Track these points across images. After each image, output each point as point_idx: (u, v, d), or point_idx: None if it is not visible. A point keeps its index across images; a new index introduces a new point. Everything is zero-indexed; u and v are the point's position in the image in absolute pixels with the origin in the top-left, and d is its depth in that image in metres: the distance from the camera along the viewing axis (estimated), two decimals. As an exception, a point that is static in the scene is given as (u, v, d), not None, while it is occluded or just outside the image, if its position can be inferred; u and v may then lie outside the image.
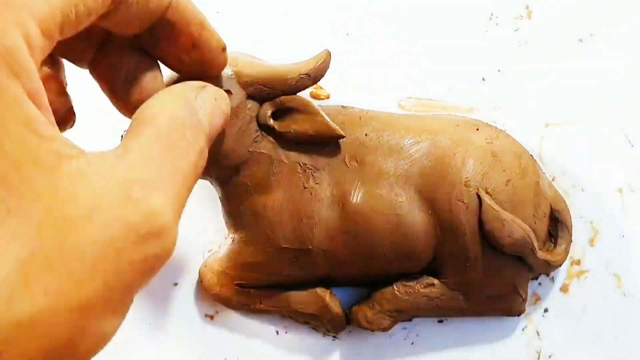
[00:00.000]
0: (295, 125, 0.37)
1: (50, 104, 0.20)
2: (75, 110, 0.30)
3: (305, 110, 0.37)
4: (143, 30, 0.25)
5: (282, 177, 0.38)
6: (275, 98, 0.37)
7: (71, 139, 0.20)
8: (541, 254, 0.38)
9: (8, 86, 0.17)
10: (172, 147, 0.21)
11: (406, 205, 0.37)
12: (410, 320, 0.40)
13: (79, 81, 0.31)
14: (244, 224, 0.38)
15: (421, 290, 0.38)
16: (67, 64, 0.30)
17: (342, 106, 0.40)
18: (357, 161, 0.38)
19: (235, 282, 0.39)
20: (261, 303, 0.39)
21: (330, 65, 0.37)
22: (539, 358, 0.41)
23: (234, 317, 0.41)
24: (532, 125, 0.42)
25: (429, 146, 0.38)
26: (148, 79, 0.28)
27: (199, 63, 0.29)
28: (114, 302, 0.18)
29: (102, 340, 0.18)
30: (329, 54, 0.37)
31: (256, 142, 0.37)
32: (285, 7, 0.43)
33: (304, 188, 0.38)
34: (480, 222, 0.37)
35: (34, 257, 0.16)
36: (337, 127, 0.37)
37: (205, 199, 0.41)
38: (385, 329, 0.39)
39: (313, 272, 0.38)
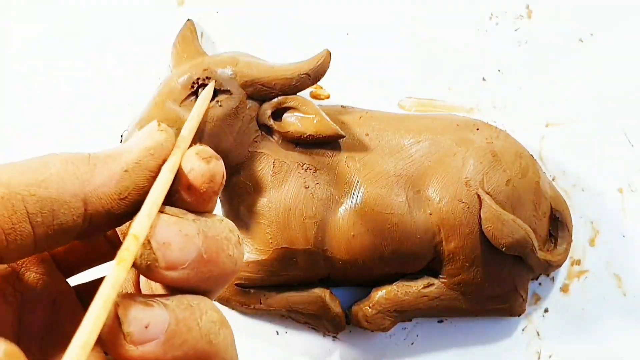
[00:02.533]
0: (295, 125, 0.37)
1: None
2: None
3: (305, 110, 0.37)
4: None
5: (282, 177, 0.38)
6: (275, 98, 0.37)
7: (71, 138, 0.20)
8: (541, 254, 0.38)
9: None
10: None
11: (406, 205, 0.37)
12: (410, 320, 0.40)
13: (79, 81, 0.32)
14: (244, 224, 0.38)
15: (421, 290, 0.38)
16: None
17: (342, 106, 0.40)
18: (357, 161, 0.38)
19: (235, 282, 0.39)
20: (261, 303, 0.39)
21: (330, 65, 0.37)
22: (539, 358, 0.41)
23: (234, 317, 0.41)
24: (532, 125, 0.42)
25: (429, 146, 0.38)
26: None
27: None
28: None
29: None
30: (329, 54, 0.37)
31: (256, 142, 0.37)
32: (285, 7, 0.43)
33: (304, 188, 0.38)
34: (480, 222, 0.37)
35: None
36: (337, 127, 0.37)
37: (205, 199, 0.41)
38: (385, 329, 0.39)
39: (313, 272, 0.38)
